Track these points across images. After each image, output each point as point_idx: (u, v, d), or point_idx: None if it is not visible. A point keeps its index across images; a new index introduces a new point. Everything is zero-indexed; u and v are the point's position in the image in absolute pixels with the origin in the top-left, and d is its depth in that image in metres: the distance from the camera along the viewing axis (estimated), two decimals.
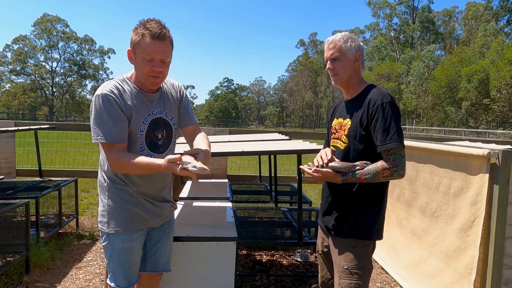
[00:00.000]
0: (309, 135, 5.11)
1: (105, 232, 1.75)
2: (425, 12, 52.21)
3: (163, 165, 1.49)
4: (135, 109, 1.64)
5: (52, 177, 4.37)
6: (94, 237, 4.07)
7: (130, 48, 1.62)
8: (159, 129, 1.72)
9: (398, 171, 1.63)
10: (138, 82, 1.67)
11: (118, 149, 1.60)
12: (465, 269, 2.33)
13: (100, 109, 1.57)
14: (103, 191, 1.75)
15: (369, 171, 1.65)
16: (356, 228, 1.74)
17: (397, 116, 1.66)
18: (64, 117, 51.23)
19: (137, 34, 1.56)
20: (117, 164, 1.61)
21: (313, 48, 72.09)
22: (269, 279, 3.09)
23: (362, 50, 1.80)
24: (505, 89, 27.77)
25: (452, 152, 2.53)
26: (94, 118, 1.58)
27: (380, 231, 1.78)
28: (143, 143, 1.68)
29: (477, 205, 2.28)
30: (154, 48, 1.55)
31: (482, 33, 36.70)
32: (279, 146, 2.84)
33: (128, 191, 1.72)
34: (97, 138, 1.58)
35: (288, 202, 4.15)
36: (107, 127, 1.57)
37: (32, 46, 54.63)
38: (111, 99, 1.57)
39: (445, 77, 33.20)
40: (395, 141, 1.61)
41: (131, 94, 1.64)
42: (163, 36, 1.56)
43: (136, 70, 1.64)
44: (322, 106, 64.69)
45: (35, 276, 3.06)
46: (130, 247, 1.75)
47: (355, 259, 1.72)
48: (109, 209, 1.72)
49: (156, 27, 1.55)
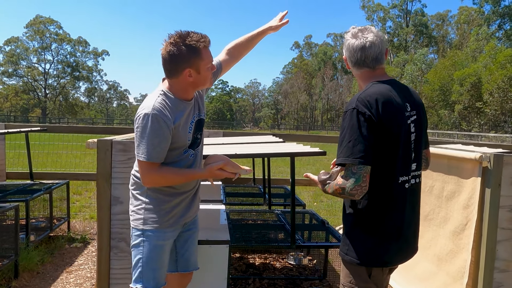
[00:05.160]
0: (303, 138, 5.12)
1: (140, 229, 1.75)
2: (419, 16, 52.70)
3: (206, 175, 1.69)
4: (183, 121, 1.68)
5: (44, 180, 4.32)
6: (85, 241, 4.03)
7: (187, 67, 1.60)
8: (199, 129, 1.80)
9: (346, 189, 1.41)
10: (178, 93, 1.68)
11: (159, 167, 1.64)
12: (457, 272, 2.34)
13: (148, 128, 1.58)
14: (139, 188, 1.76)
15: (331, 186, 1.50)
16: (345, 248, 1.58)
17: (356, 125, 1.41)
18: (57, 119, 50.83)
19: (192, 49, 1.58)
20: (151, 181, 1.66)
21: (308, 50, 72.38)
22: (262, 282, 3.07)
23: (348, 48, 1.57)
24: (497, 92, 28.09)
25: (444, 155, 2.54)
26: (141, 135, 1.60)
27: (373, 259, 1.52)
28: (187, 146, 1.74)
29: (469, 209, 2.29)
30: (210, 55, 1.66)
31: (474, 37, 37.11)
32: (272, 149, 2.83)
33: (166, 190, 1.75)
34: (140, 156, 1.61)
35: (282, 205, 4.13)
36: (151, 147, 1.59)
37: (25, 48, 54.20)
38: (160, 120, 1.59)
39: (438, 80, 33.51)
40: (343, 155, 1.42)
41: (176, 108, 1.66)
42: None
43: (198, 81, 1.65)
44: (316, 109, 64.89)
45: (24, 280, 3.01)
46: (162, 246, 1.76)
47: (346, 276, 1.60)
48: (146, 206, 1.74)
49: (202, 37, 1.61)
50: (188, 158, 1.75)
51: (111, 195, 2.14)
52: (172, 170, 1.67)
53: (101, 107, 73.47)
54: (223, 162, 1.67)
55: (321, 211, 5.83)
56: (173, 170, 1.68)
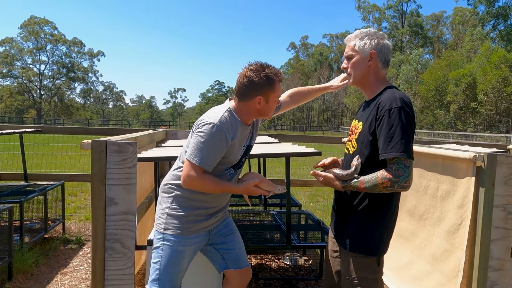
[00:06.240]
0: (299, 138, 5.12)
1: (161, 232, 1.81)
2: (414, 17, 52.95)
3: (242, 190, 1.77)
4: (238, 142, 1.77)
5: (38, 181, 4.29)
6: (81, 242, 4.01)
7: (259, 95, 1.72)
8: (247, 154, 1.91)
9: (400, 182, 1.50)
10: (242, 116, 1.78)
11: (203, 173, 1.71)
12: (452, 272, 2.35)
13: (210, 137, 1.67)
14: (168, 195, 1.84)
15: (369, 179, 1.55)
16: (354, 242, 1.66)
17: (406, 124, 1.52)
18: (53, 120, 50.56)
19: (269, 80, 1.71)
20: (192, 184, 1.71)
21: (304, 51, 72.53)
22: (257, 282, 3.07)
23: (381, 48, 1.67)
24: (492, 93, 28.28)
25: (439, 155, 2.55)
26: (201, 141, 1.68)
27: (381, 246, 1.67)
28: (232, 165, 1.83)
29: (464, 208, 2.30)
30: (280, 90, 1.79)
31: (469, 37, 37.35)
32: (267, 149, 2.82)
33: (194, 204, 1.82)
34: (193, 158, 1.68)
35: (278, 206, 4.13)
36: (208, 154, 1.67)
37: (19, 49, 53.89)
38: (223, 133, 1.68)
39: (434, 80, 33.69)
40: (397, 150, 1.49)
41: (236, 127, 1.75)
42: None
43: (264, 110, 1.78)
44: (313, 109, 65.03)
45: (18, 282, 2.99)
46: (182, 251, 1.81)
47: (355, 270, 1.65)
48: (169, 211, 1.81)
49: (279, 72, 1.76)
50: (226, 176, 1.84)
51: (105, 196, 2.12)
52: (213, 179, 1.73)
53: (97, 108, 73.14)
54: (259, 179, 1.77)
55: (316, 212, 5.84)
56: (214, 179, 1.74)
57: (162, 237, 1.81)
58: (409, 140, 1.52)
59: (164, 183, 1.87)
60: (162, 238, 1.81)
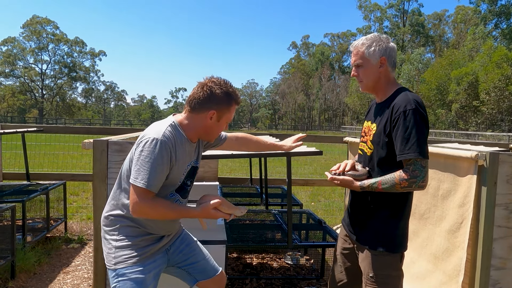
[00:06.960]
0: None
1: (113, 270, 1.63)
2: (415, 15, 52.83)
3: (200, 214, 1.60)
4: (181, 159, 1.63)
5: (40, 181, 4.30)
6: (82, 241, 4.02)
7: (214, 109, 1.61)
8: (192, 177, 1.76)
9: (417, 182, 1.57)
10: (188, 131, 1.64)
11: (150, 197, 1.55)
12: (453, 271, 2.34)
13: (155, 154, 1.51)
14: (112, 228, 1.67)
15: (387, 180, 1.60)
16: (377, 240, 1.69)
17: (421, 125, 1.57)
18: (55, 120, 50.68)
19: (229, 97, 1.63)
20: (142, 211, 1.55)
21: (305, 50, 72.46)
22: (259, 282, 3.08)
23: (389, 52, 1.71)
24: (494, 91, 28.19)
25: (440, 154, 2.55)
26: (145, 160, 1.51)
27: (403, 242, 1.73)
28: (175, 188, 1.68)
29: (465, 207, 2.29)
30: (233, 116, 1.71)
31: (471, 36, 37.24)
32: None
33: (143, 231, 1.67)
34: (139, 181, 1.51)
35: (279, 205, 4.14)
36: (154, 174, 1.51)
37: (21, 48, 53.99)
38: (168, 149, 1.54)
39: (435, 79, 33.61)
40: (414, 151, 1.54)
41: (181, 144, 1.62)
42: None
43: (213, 128, 1.66)
44: (314, 109, 64.97)
45: (21, 281, 3.00)
46: (143, 280, 1.63)
47: (379, 268, 1.68)
48: (117, 244, 1.64)
49: (239, 97, 1.69)
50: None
51: (107, 195, 2.13)
52: (165, 203, 1.58)
53: (98, 107, 73.26)
54: (218, 201, 1.60)
55: (318, 211, 5.84)
56: (167, 203, 1.58)
57: (116, 274, 1.62)
58: (424, 141, 1.58)
59: (105, 215, 1.70)
60: (116, 275, 1.62)
